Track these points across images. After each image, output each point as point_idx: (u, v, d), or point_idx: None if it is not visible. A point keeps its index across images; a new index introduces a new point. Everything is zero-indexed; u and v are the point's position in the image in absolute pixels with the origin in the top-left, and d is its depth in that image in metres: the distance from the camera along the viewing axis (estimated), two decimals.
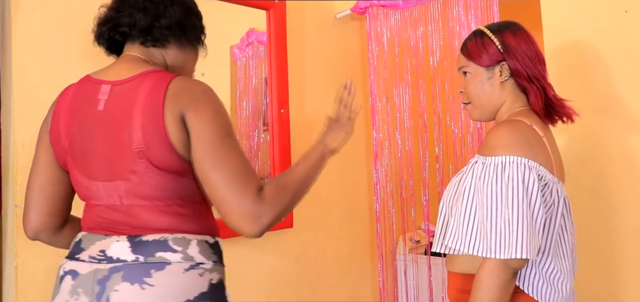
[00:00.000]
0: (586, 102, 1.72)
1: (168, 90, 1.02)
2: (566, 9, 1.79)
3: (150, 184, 1.03)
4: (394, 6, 2.40)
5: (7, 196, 1.58)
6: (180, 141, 1.02)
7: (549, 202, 1.17)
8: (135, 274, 0.99)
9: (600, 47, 1.71)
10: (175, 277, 1.00)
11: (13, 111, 1.54)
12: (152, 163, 1.02)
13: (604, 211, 1.71)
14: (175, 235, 1.04)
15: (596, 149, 1.72)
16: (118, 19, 1.12)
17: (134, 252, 1.02)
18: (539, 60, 1.26)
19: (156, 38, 1.13)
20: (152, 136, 1.01)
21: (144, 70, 1.07)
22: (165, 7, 1.13)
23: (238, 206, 0.98)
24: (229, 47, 2.34)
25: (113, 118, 1.05)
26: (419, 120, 2.35)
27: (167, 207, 1.05)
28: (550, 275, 1.18)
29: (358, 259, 2.53)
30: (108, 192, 1.07)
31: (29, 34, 1.58)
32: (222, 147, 1.01)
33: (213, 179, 0.99)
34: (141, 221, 1.05)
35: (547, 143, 1.19)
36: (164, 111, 1.00)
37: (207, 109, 1.03)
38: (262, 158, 2.27)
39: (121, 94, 1.05)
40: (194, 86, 1.05)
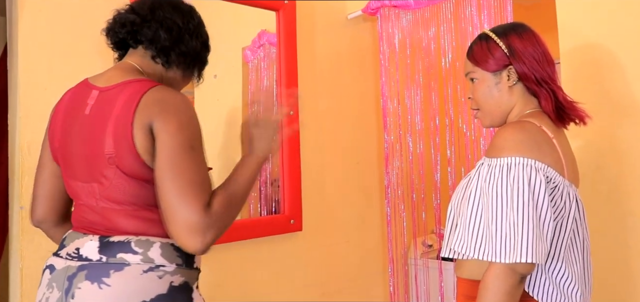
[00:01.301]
0: (602, 104, 1.68)
1: (141, 100, 1.05)
2: (582, 10, 1.74)
3: (119, 189, 1.07)
4: (406, 7, 2.37)
5: (13, 197, 1.58)
6: (147, 150, 1.04)
7: (559, 206, 1.13)
8: (96, 274, 1.03)
9: (616, 49, 1.67)
10: (132, 278, 1.03)
11: (19, 113, 1.54)
12: (121, 169, 1.06)
13: (620, 216, 1.66)
14: (140, 237, 1.07)
15: (612, 153, 1.68)
16: (141, 28, 1.16)
17: (99, 252, 1.05)
18: (547, 61, 1.22)
19: (169, 60, 1.18)
20: (121, 144, 1.04)
21: (128, 78, 1.11)
22: (189, 37, 1.19)
23: (184, 217, 0.99)
24: (241, 48, 2.33)
25: (93, 123, 1.09)
26: (431, 123, 2.32)
27: (136, 212, 1.08)
28: (560, 281, 1.14)
29: (368, 263, 2.50)
30: (86, 193, 1.11)
31: (35, 36, 1.58)
32: (182, 158, 1.02)
33: (166, 187, 1.00)
34: (113, 223, 1.08)
35: (558, 145, 1.15)
36: (133, 120, 1.04)
37: (174, 120, 1.04)
38: (273, 160, 2.26)
39: (103, 100, 1.10)
40: (166, 97, 1.08)
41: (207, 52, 1.27)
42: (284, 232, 2.16)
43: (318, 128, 2.34)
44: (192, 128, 1.07)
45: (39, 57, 1.58)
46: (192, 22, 1.21)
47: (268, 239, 2.11)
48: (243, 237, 2.03)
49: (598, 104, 1.69)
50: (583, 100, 1.61)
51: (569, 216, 1.15)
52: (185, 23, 1.19)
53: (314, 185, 2.30)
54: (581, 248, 1.20)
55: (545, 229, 1.07)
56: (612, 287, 1.68)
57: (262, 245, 2.10)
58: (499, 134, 1.14)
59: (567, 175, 1.15)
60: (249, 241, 2.05)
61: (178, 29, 1.18)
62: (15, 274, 1.55)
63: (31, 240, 1.51)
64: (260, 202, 2.26)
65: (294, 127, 1.32)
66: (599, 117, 1.69)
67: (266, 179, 2.27)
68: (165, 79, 1.21)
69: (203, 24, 1.26)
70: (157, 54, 1.17)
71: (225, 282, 1.97)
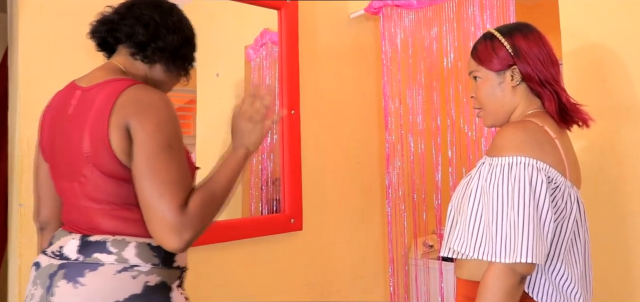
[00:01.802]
0: (604, 105, 1.67)
1: (118, 100, 1.05)
2: (584, 10, 1.73)
3: (97, 188, 1.08)
4: (408, 6, 2.36)
5: (12, 194, 1.58)
6: (123, 150, 1.04)
7: (560, 206, 1.12)
8: (73, 273, 1.04)
9: (618, 50, 1.66)
10: (105, 278, 1.04)
11: (19, 110, 1.54)
12: (98, 169, 1.06)
13: (621, 217, 1.65)
14: (116, 237, 1.08)
15: (614, 154, 1.67)
16: (119, 25, 1.17)
17: (78, 252, 1.07)
18: (551, 62, 1.21)
19: (147, 55, 1.18)
20: (97, 144, 1.05)
21: (109, 78, 1.12)
22: (166, 31, 1.18)
23: (161, 216, 0.99)
24: (244, 47, 2.33)
25: (74, 122, 1.11)
26: (432, 123, 2.31)
27: (114, 211, 1.08)
28: (560, 282, 1.14)
29: (369, 263, 2.49)
30: (70, 192, 1.13)
31: (35, 33, 1.58)
32: (159, 157, 1.02)
33: (144, 187, 1.01)
34: (93, 223, 1.09)
35: (561, 145, 1.14)
36: (109, 120, 1.04)
37: (151, 119, 1.04)
38: (274, 159, 2.25)
39: (85, 100, 1.11)
40: (143, 96, 1.08)
41: (190, 48, 1.26)
42: (284, 232, 2.15)
43: (319, 127, 2.34)
44: (170, 127, 1.06)
45: (40, 54, 1.58)
46: (170, 18, 1.20)
47: (268, 239, 2.11)
48: (243, 237, 2.02)
49: (600, 105, 1.68)
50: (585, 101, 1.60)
51: (570, 217, 1.14)
52: (162, 19, 1.18)
53: (315, 184, 2.29)
54: (582, 250, 1.19)
55: (546, 230, 1.06)
56: (612, 288, 1.67)
57: (262, 244, 2.10)
58: (500, 134, 1.13)
59: (569, 176, 1.14)
60: (249, 240, 2.04)
61: (155, 24, 1.17)
62: (13, 271, 1.55)
63: (30, 237, 1.51)
64: (260, 201, 2.26)
65: (276, 118, 1.29)
66: (601, 118, 1.68)
67: (267, 178, 2.26)
68: (150, 78, 1.21)
69: (185, 21, 1.24)
70: (135, 49, 1.17)
71: (225, 281, 1.97)
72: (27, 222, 1.51)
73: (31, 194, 1.50)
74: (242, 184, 2.24)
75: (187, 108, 2.24)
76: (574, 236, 1.17)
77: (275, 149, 2.25)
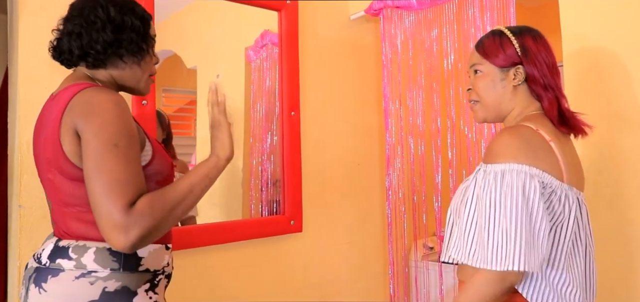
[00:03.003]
0: (605, 108, 1.67)
1: (69, 104, 1.07)
2: (585, 12, 1.73)
3: (64, 192, 1.10)
4: (409, 8, 2.36)
5: (12, 196, 1.58)
6: (75, 153, 1.06)
7: (557, 210, 1.12)
8: (39, 278, 1.08)
9: (619, 52, 1.65)
10: (63, 284, 1.06)
11: (18, 111, 1.54)
12: (60, 173, 1.08)
13: (623, 221, 1.65)
14: (78, 242, 1.09)
15: (615, 157, 1.67)
16: (60, 46, 1.18)
17: (48, 257, 1.10)
18: (555, 71, 1.22)
19: (93, 63, 1.17)
20: (54, 148, 1.07)
21: (70, 84, 1.13)
22: (98, 32, 1.15)
23: (107, 215, 0.99)
24: (244, 48, 2.33)
25: (41, 129, 1.14)
26: (432, 125, 2.31)
27: (82, 215, 1.10)
28: (561, 287, 1.13)
29: (369, 265, 2.49)
30: (49, 196, 1.16)
31: (35, 35, 1.57)
32: (104, 156, 1.02)
33: (92, 187, 1.01)
34: (66, 226, 1.11)
35: (557, 148, 1.14)
36: (60, 124, 1.06)
37: (97, 119, 1.04)
38: (274, 161, 2.25)
39: (50, 107, 1.13)
40: (92, 98, 1.07)
41: (130, 31, 1.19)
42: (284, 233, 2.15)
43: (319, 129, 2.33)
44: (116, 126, 1.05)
45: (39, 55, 1.58)
46: (96, 15, 1.16)
47: (268, 240, 2.11)
48: (243, 238, 2.02)
49: (600, 108, 1.68)
50: (585, 104, 1.59)
51: (569, 220, 1.14)
52: (88, 22, 1.15)
53: (315, 186, 2.29)
54: (583, 253, 1.18)
55: (540, 237, 1.06)
56: (615, 291, 1.66)
57: (262, 246, 2.09)
58: (495, 140, 1.14)
59: (567, 179, 1.14)
60: (249, 241, 2.04)
61: (83, 30, 1.15)
62: (13, 272, 1.55)
63: (30, 238, 1.51)
64: (260, 202, 2.26)
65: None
66: (602, 120, 1.68)
67: (267, 179, 2.26)
68: (117, 76, 1.21)
69: (112, 10, 1.17)
70: (80, 61, 1.17)
71: (224, 282, 1.97)
72: (27, 224, 1.51)
73: (31, 196, 1.51)
74: (242, 185, 2.23)
75: (187, 109, 2.23)
76: (575, 240, 1.16)
77: (275, 150, 2.25)
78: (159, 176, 1.17)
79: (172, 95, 2.19)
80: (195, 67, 2.20)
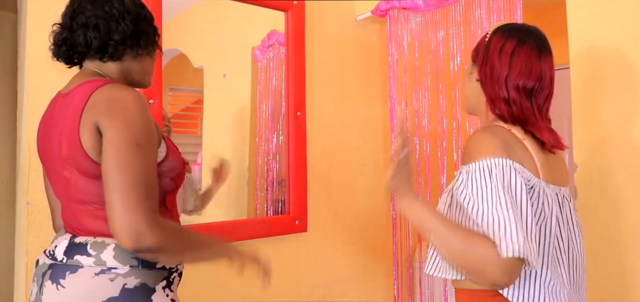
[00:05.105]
0: (611, 108, 1.66)
1: (89, 100, 1.06)
2: (592, 14, 1.72)
3: (80, 189, 1.09)
4: (415, 9, 2.36)
5: (20, 193, 1.59)
6: (95, 149, 1.05)
7: (538, 208, 1.10)
8: (56, 275, 1.07)
9: (626, 54, 1.65)
10: (83, 280, 1.05)
11: (26, 109, 1.55)
12: (77, 170, 1.08)
13: (628, 223, 1.64)
14: (96, 239, 1.09)
15: (620, 158, 1.66)
16: (73, 39, 1.15)
17: (64, 253, 1.09)
18: (529, 90, 1.14)
19: (112, 54, 1.16)
20: (72, 145, 1.06)
21: (85, 80, 1.12)
22: (117, 22, 1.15)
23: (122, 215, 0.98)
24: (251, 48, 2.33)
25: (55, 127, 1.12)
26: (438, 126, 2.30)
27: (97, 211, 1.09)
28: (550, 287, 1.10)
29: (373, 266, 2.49)
30: (60, 194, 1.15)
31: (43, 34, 1.58)
32: (127, 155, 1.01)
33: (111, 182, 1.00)
34: (80, 223, 1.11)
35: (530, 146, 1.12)
36: (80, 120, 1.05)
37: (120, 117, 1.04)
38: (280, 161, 2.26)
39: (64, 105, 1.12)
40: (114, 94, 1.07)
41: (145, 23, 1.21)
42: (289, 233, 2.16)
43: (325, 129, 2.34)
44: (139, 125, 1.05)
45: (47, 54, 1.59)
46: (112, 6, 1.16)
47: (273, 240, 2.11)
48: (248, 237, 2.03)
49: (607, 109, 1.67)
50: (591, 105, 1.59)
51: (551, 218, 1.11)
52: (106, 13, 1.15)
53: (320, 186, 2.29)
54: (566, 251, 1.15)
55: (530, 231, 1.02)
56: (619, 294, 1.65)
57: (267, 245, 2.10)
58: (470, 140, 1.11)
59: (543, 176, 1.11)
60: (254, 240, 2.05)
61: (103, 21, 1.14)
62: (20, 269, 1.56)
63: (37, 236, 1.53)
64: (266, 202, 2.26)
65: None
66: (608, 122, 1.67)
67: (273, 179, 2.27)
68: (126, 71, 1.20)
69: (126, 1, 1.18)
70: (101, 55, 1.16)
71: (229, 281, 1.97)
72: (35, 221, 1.53)
73: (39, 193, 1.52)
74: (248, 185, 2.24)
75: (194, 108, 2.24)
76: (557, 237, 1.14)
77: (281, 150, 2.25)
78: (172, 172, 1.18)
79: (178, 95, 2.20)
80: (202, 67, 2.21)
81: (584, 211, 1.69)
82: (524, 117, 1.14)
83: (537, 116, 1.15)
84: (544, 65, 1.16)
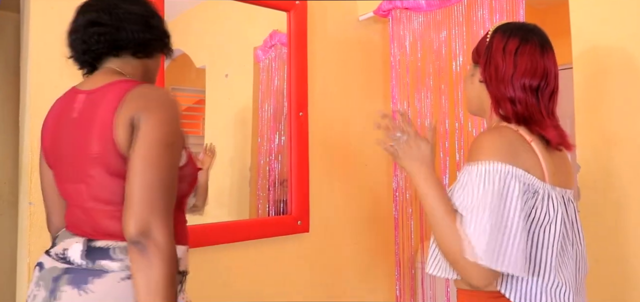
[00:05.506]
0: (614, 109, 1.66)
1: (126, 97, 1.06)
2: (595, 13, 1.72)
3: (105, 189, 1.07)
4: (417, 9, 2.35)
5: (22, 193, 1.59)
6: (127, 143, 1.04)
7: (542, 212, 1.10)
8: (78, 279, 1.04)
9: (629, 53, 1.64)
10: (110, 286, 1.03)
11: (29, 109, 1.55)
12: (105, 169, 1.06)
13: (631, 224, 1.63)
14: (120, 243, 1.06)
15: (624, 159, 1.65)
16: (115, 34, 1.14)
17: (82, 257, 1.06)
18: (534, 87, 1.14)
19: (150, 51, 1.19)
20: (105, 143, 1.05)
21: (113, 80, 1.12)
22: (156, 20, 1.20)
23: (140, 210, 0.99)
24: (253, 48, 2.33)
25: (80, 125, 1.11)
26: (441, 126, 2.30)
27: (119, 212, 1.07)
28: (550, 287, 1.10)
29: (375, 266, 2.49)
30: (74, 194, 1.12)
31: (46, 34, 1.59)
32: (157, 151, 1.03)
33: (136, 175, 1.01)
34: (98, 225, 1.08)
35: (538, 148, 1.12)
36: (115, 117, 1.04)
37: (157, 113, 1.05)
38: (282, 161, 2.26)
39: (90, 103, 1.11)
40: (151, 92, 1.09)
41: (164, 23, 1.25)
42: (290, 233, 2.15)
43: (327, 129, 2.34)
44: (172, 126, 1.07)
45: (50, 55, 1.59)
46: (144, 5, 1.19)
47: (275, 240, 2.11)
48: (250, 238, 2.03)
49: (610, 109, 1.67)
50: (595, 105, 1.58)
51: (556, 221, 1.11)
52: (141, 10, 1.17)
53: (322, 186, 2.29)
54: (573, 253, 1.16)
55: (517, 238, 1.03)
56: (622, 295, 1.65)
57: (269, 245, 2.10)
58: (476, 140, 1.12)
59: (549, 179, 1.11)
60: (255, 241, 2.05)
61: (141, 19, 1.16)
62: (22, 269, 1.56)
63: (39, 236, 1.53)
64: (268, 202, 2.26)
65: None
66: (611, 122, 1.67)
67: (275, 179, 2.27)
68: (146, 70, 1.21)
69: (148, 4, 1.22)
70: (137, 50, 1.17)
71: (231, 281, 1.98)
72: (37, 221, 1.53)
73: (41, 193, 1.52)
74: (250, 185, 2.24)
75: (196, 108, 2.24)
76: (564, 239, 1.14)
77: (283, 150, 2.25)
78: (190, 178, 1.19)
79: (180, 94, 2.20)
80: (204, 67, 2.21)
81: (588, 211, 1.69)
82: (529, 115, 1.14)
83: (543, 114, 1.15)
84: (547, 62, 1.15)
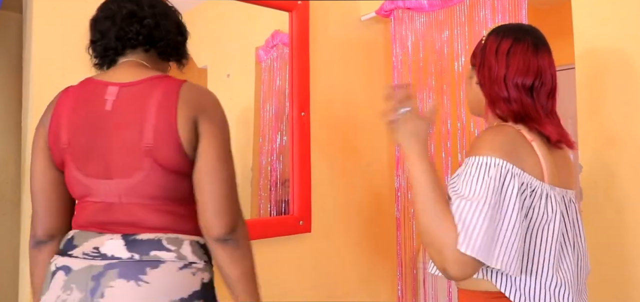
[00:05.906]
0: (617, 109, 1.65)
1: (181, 94, 1.08)
2: (597, 14, 1.72)
3: (153, 183, 1.08)
4: (420, 9, 2.35)
5: (25, 192, 1.59)
6: (189, 142, 1.08)
7: (540, 211, 1.10)
8: (131, 272, 1.02)
9: (632, 53, 1.64)
10: (169, 275, 1.04)
11: (31, 110, 1.55)
12: (158, 162, 1.07)
13: (634, 224, 1.63)
14: (169, 235, 1.08)
15: (626, 159, 1.65)
16: (154, 30, 1.18)
17: (128, 250, 1.05)
18: (526, 90, 1.14)
19: (174, 55, 1.24)
20: (163, 136, 1.06)
21: (153, 75, 1.13)
22: (184, 28, 1.26)
23: (225, 203, 1.08)
24: (254, 48, 2.33)
25: (122, 117, 1.09)
26: (442, 127, 2.30)
27: (165, 206, 1.09)
28: (553, 289, 1.10)
29: (377, 267, 2.49)
30: (107, 189, 1.09)
31: (48, 34, 1.59)
32: (227, 153, 1.11)
33: (216, 174, 1.09)
34: (137, 219, 1.08)
35: (538, 148, 1.12)
36: (177, 112, 1.06)
37: (218, 118, 1.12)
38: (284, 161, 2.26)
39: (132, 95, 1.10)
40: (205, 93, 1.15)
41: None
42: (292, 234, 2.15)
43: (329, 129, 2.33)
44: (228, 129, 1.14)
45: (53, 55, 1.60)
46: (175, 10, 1.24)
47: (276, 240, 2.11)
48: (252, 238, 2.01)
49: (612, 109, 1.67)
50: (597, 105, 1.58)
51: (555, 221, 1.11)
52: (175, 14, 1.23)
53: (324, 186, 2.29)
54: (572, 253, 1.15)
55: (513, 235, 1.02)
56: (623, 296, 1.65)
57: (271, 246, 2.10)
58: (479, 136, 1.13)
59: (548, 179, 1.11)
60: (257, 241, 2.03)
61: (176, 22, 1.22)
62: (25, 268, 1.56)
63: None
64: (269, 202, 2.26)
65: None
66: (612, 122, 1.66)
67: (276, 179, 2.27)
68: (166, 67, 1.26)
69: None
70: (164, 51, 1.19)
71: None
72: None
73: None
74: (251, 185, 2.24)
75: None
76: (563, 239, 1.14)
77: (284, 150, 2.25)
78: None
79: None
80: (205, 67, 2.21)
81: (590, 212, 1.69)
82: (525, 113, 1.14)
83: (539, 112, 1.15)
84: (541, 61, 1.15)
